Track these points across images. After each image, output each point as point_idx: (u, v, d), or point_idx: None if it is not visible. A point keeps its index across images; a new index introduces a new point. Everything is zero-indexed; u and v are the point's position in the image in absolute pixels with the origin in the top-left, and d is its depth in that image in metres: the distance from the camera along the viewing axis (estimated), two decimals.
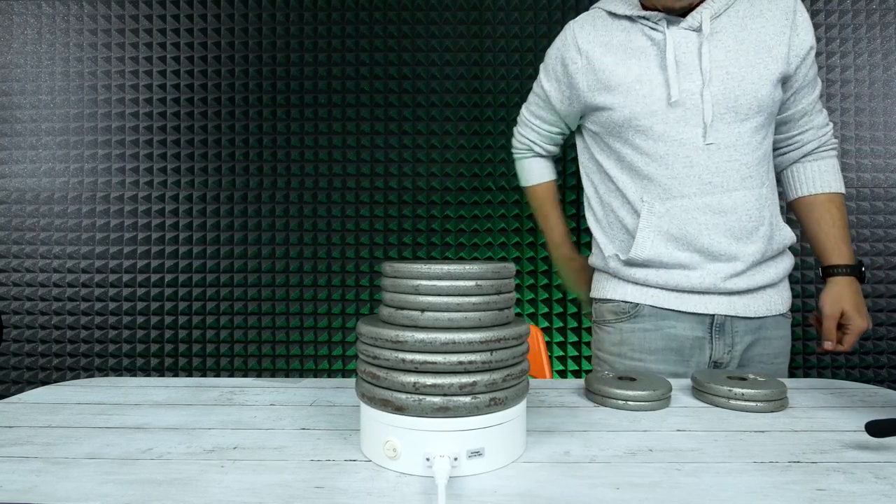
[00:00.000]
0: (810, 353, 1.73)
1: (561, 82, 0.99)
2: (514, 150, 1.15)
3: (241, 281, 1.76)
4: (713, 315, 0.90)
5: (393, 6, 1.74)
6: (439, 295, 0.51)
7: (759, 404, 0.67)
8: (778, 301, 0.93)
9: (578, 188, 1.74)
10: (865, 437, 0.57)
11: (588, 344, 1.74)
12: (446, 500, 0.43)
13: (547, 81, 1.02)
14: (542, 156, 1.12)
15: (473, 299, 0.51)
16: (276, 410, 0.68)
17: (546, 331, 1.76)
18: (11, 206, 1.77)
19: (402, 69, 1.75)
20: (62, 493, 0.45)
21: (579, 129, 1.05)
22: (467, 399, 0.48)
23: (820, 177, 0.97)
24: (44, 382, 1.77)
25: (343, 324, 1.77)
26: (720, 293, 0.90)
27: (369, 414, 0.52)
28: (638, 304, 0.94)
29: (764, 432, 0.60)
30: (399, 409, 0.49)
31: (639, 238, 0.91)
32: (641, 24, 0.91)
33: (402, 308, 0.52)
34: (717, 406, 0.69)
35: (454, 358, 0.48)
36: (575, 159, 1.73)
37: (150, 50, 1.76)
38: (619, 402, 0.68)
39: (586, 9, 1.76)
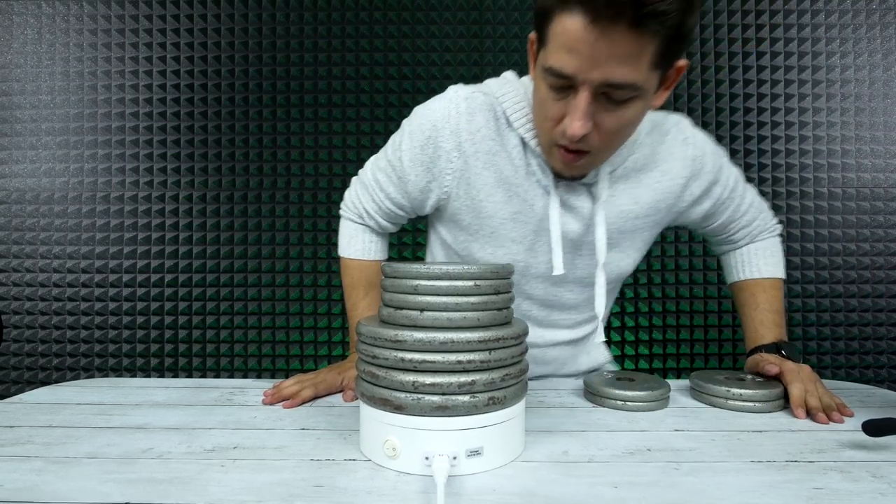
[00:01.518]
0: (810, 353, 1.73)
1: (426, 169, 0.78)
2: (342, 208, 0.94)
3: (241, 281, 1.76)
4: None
5: (393, 6, 1.75)
6: (438, 295, 0.51)
7: (756, 404, 0.67)
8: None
9: None
10: (862, 436, 0.58)
11: None
12: (445, 499, 0.44)
13: (409, 158, 0.78)
14: (373, 230, 0.92)
15: (472, 299, 0.51)
16: (275, 410, 0.68)
17: None
18: (11, 206, 1.77)
19: (402, 69, 1.75)
20: (63, 493, 0.46)
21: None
22: (466, 398, 0.48)
23: (750, 262, 0.90)
24: (44, 382, 1.77)
25: (343, 324, 1.77)
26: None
27: (369, 413, 0.52)
28: None
29: (761, 432, 0.60)
30: (398, 409, 0.49)
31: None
32: (534, 151, 0.74)
33: (402, 308, 0.52)
34: (715, 406, 0.69)
35: (453, 357, 0.49)
36: None
37: (150, 50, 1.76)
38: (618, 402, 0.68)
39: None
